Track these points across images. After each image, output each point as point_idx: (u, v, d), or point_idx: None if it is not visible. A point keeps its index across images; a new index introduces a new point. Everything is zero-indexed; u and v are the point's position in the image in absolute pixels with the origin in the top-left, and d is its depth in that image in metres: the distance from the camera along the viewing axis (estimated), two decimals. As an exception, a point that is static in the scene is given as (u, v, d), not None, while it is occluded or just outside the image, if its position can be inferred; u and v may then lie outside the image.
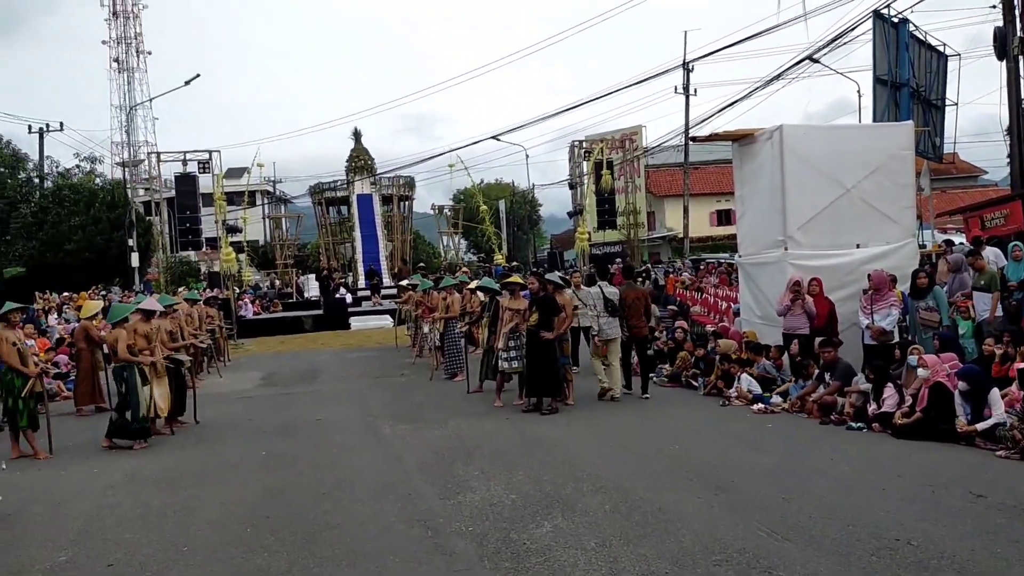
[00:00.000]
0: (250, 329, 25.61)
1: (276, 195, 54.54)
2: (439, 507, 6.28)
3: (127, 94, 56.96)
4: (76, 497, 7.30)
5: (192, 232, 27.63)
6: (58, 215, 31.79)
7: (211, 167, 28.02)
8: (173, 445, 9.55)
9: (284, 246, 38.83)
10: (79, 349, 12.87)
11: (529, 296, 10.84)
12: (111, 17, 57.82)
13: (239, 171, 45.58)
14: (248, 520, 6.26)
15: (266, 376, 15.76)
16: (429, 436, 9.09)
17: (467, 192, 48.68)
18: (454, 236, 42.97)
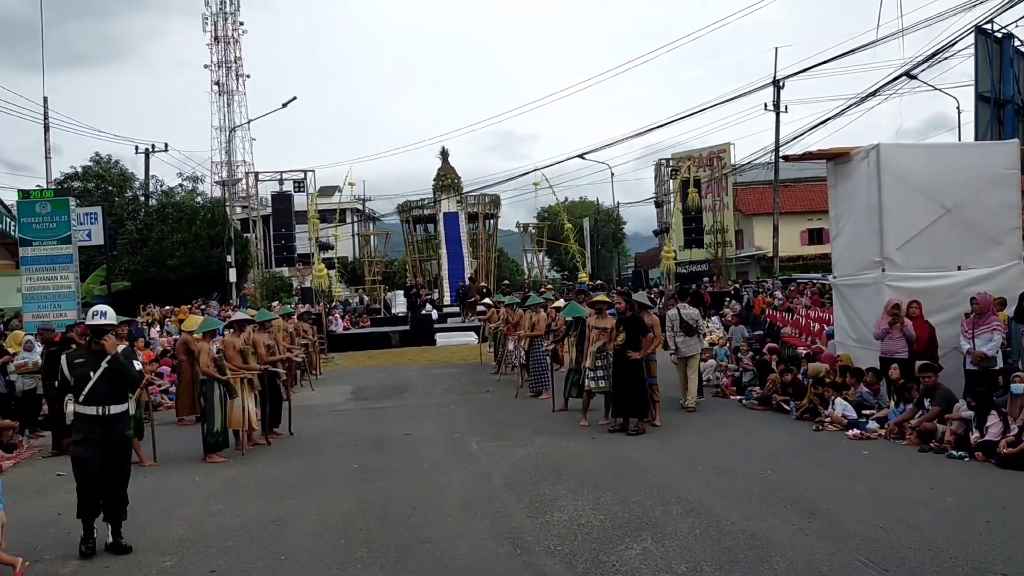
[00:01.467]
0: (340, 344, 26.22)
1: (365, 213, 55.80)
2: (528, 525, 6.33)
3: (227, 116, 59.52)
4: (180, 504, 7.63)
5: (287, 249, 28.52)
6: (162, 232, 33.25)
7: (306, 186, 28.93)
8: (270, 456, 9.89)
9: (372, 262, 39.67)
10: (180, 361, 13.44)
11: (616, 315, 10.84)
12: (213, 42, 60.64)
13: (331, 189, 46.88)
14: (343, 532, 6.43)
15: (356, 390, 16.12)
16: (516, 454, 9.15)
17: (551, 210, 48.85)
18: (538, 254, 43.13)
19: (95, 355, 6.19)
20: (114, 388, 6.18)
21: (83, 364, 6.14)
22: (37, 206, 16.83)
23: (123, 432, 6.33)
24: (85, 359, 6.19)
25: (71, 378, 6.13)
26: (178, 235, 32.73)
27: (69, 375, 6.14)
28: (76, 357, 6.26)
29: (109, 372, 6.12)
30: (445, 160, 40.00)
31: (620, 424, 10.19)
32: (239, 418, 9.82)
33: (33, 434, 11.78)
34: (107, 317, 6.36)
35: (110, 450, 6.16)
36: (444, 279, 36.47)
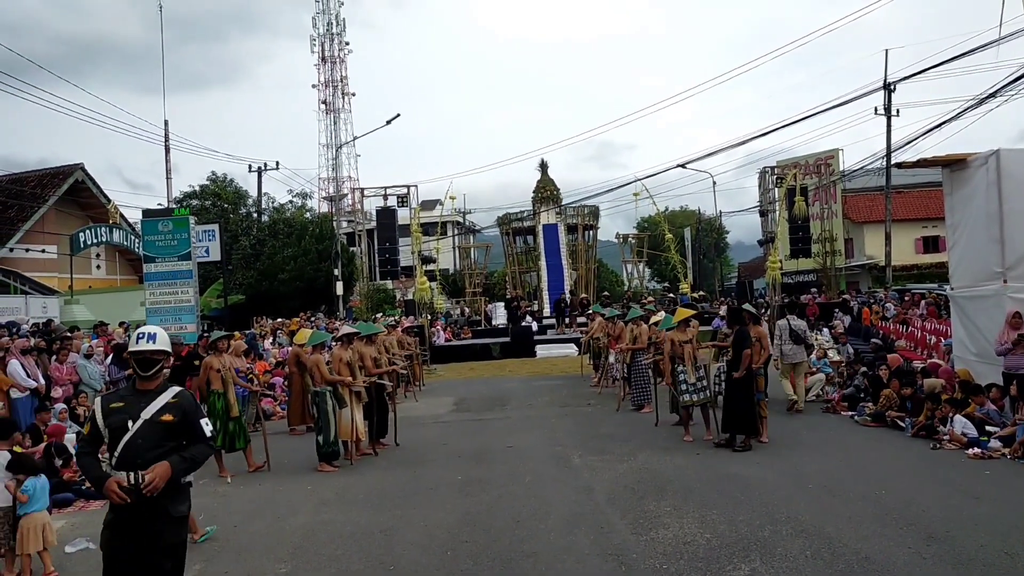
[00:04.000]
0: (442, 355, 26.65)
1: (466, 225, 56.61)
2: (632, 542, 6.30)
3: (333, 133, 61.45)
4: (293, 513, 7.92)
5: (391, 262, 29.20)
6: (273, 247, 34.64)
7: (409, 201, 29.60)
8: (377, 466, 10.15)
9: (473, 275, 40.20)
10: (291, 372, 13.96)
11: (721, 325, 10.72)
12: (320, 63, 62.77)
13: (432, 203, 47.83)
14: (448, 544, 6.55)
15: (458, 401, 16.34)
16: (618, 468, 9.11)
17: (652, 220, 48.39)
18: (638, 264, 42.81)
19: (139, 397, 4.29)
20: (155, 446, 4.16)
21: (121, 411, 4.23)
22: (159, 224, 17.80)
23: (170, 511, 4.22)
24: (125, 402, 4.28)
25: (104, 429, 4.22)
26: (288, 250, 34.01)
27: (103, 424, 4.23)
28: (114, 400, 4.34)
29: (151, 421, 4.20)
30: (544, 172, 40.23)
31: (726, 439, 10.02)
32: (348, 429, 10.12)
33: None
34: (156, 342, 4.38)
35: (148, 540, 4.13)
36: (544, 291, 36.61)
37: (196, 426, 4.30)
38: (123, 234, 27.95)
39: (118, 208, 28.72)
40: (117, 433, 4.18)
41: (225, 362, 10.21)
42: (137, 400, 4.27)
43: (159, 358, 4.39)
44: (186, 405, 4.32)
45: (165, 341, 4.47)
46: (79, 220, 30.50)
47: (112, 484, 4.09)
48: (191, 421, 4.30)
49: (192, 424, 4.30)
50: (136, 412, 4.21)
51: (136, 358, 4.36)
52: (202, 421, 4.34)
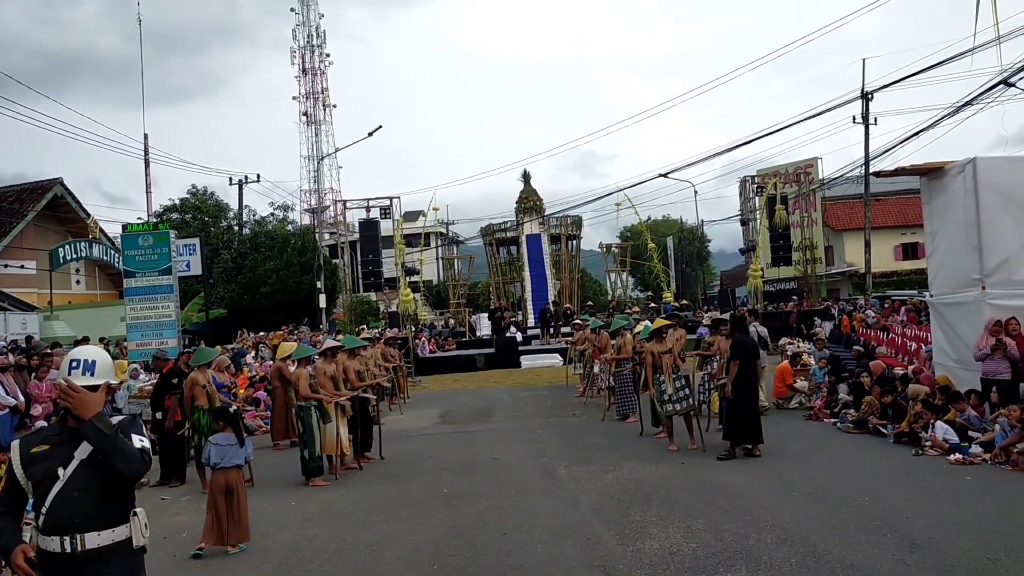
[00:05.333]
0: (427, 367, 26.58)
1: (449, 237, 56.62)
2: (619, 553, 6.30)
3: (315, 145, 61.38)
4: (278, 529, 7.87)
5: (374, 274, 29.18)
6: (255, 260, 34.47)
7: (391, 212, 29.61)
8: (362, 480, 10.10)
9: (457, 286, 40.19)
10: (274, 387, 13.88)
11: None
12: (300, 74, 62.73)
13: (415, 214, 47.77)
14: (435, 558, 6.53)
15: (443, 414, 16.31)
16: (604, 479, 9.12)
17: (634, 229, 48.61)
18: (622, 274, 42.95)
19: (69, 436, 3.28)
20: (99, 497, 3.23)
21: (47, 456, 3.26)
22: (140, 239, 17.70)
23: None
24: (52, 445, 3.29)
25: (26, 482, 3.28)
26: (270, 263, 33.86)
27: (23, 476, 3.28)
28: (36, 443, 3.34)
29: (90, 463, 3.23)
30: (527, 183, 40.32)
31: (730, 450, 9.96)
32: (332, 443, 10.08)
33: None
34: (95, 373, 3.42)
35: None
36: (528, 301, 36.63)
37: (128, 438, 3.32)
38: (103, 249, 27.77)
39: (97, 223, 28.52)
40: (44, 485, 3.21)
41: (209, 377, 10.16)
42: (67, 441, 3.26)
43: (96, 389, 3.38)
44: (122, 425, 3.37)
45: (107, 369, 3.48)
46: (58, 235, 30.25)
47: (19, 557, 3.12)
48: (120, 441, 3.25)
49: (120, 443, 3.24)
50: (67, 455, 3.21)
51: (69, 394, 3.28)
52: (136, 437, 3.36)
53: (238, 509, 7.15)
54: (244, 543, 7.13)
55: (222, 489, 7.13)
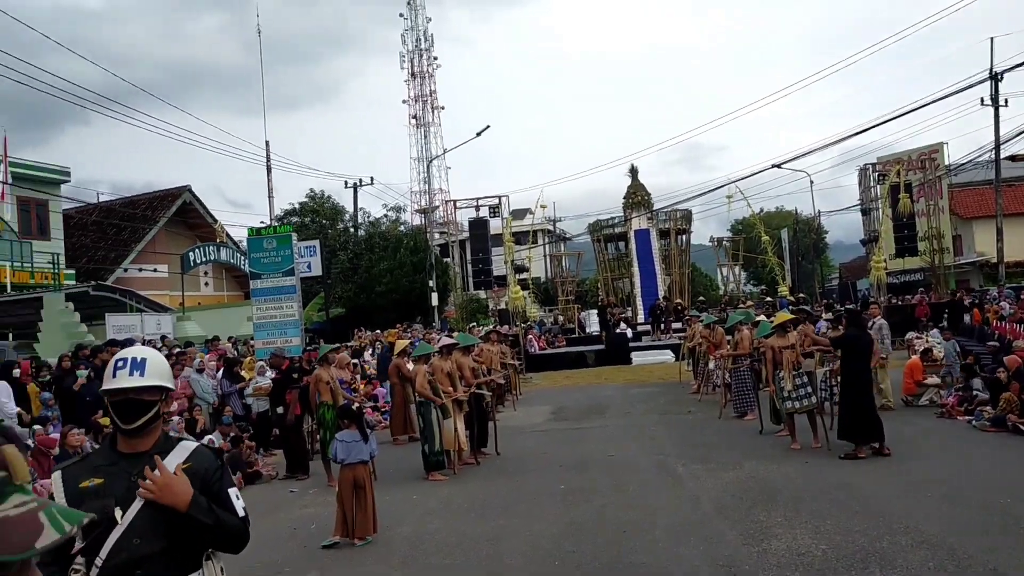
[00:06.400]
0: (537, 364, 26.69)
1: (557, 234, 56.67)
2: (744, 553, 6.16)
3: (424, 147, 62.54)
4: (400, 522, 8.06)
5: (484, 272, 29.47)
6: (370, 260, 35.42)
7: (500, 211, 29.85)
8: (479, 475, 10.24)
9: (565, 282, 40.17)
10: (392, 384, 14.24)
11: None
12: (409, 78, 64.02)
13: (522, 212, 48.05)
14: (555, 554, 6.55)
15: (556, 410, 16.34)
16: (724, 477, 8.93)
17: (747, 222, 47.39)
18: (734, 268, 41.96)
19: (125, 466, 2.59)
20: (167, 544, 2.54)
21: (100, 492, 2.52)
22: (264, 242, 18.44)
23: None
24: (105, 479, 2.56)
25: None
26: (384, 263, 34.72)
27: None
28: (84, 474, 2.57)
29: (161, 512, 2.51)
30: (635, 178, 39.92)
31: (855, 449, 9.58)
32: (451, 438, 10.26)
33: (267, 453, 12.85)
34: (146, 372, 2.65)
35: None
36: (637, 297, 36.27)
37: (224, 501, 2.66)
38: (229, 252, 29.11)
39: (224, 227, 29.91)
40: (98, 529, 2.45)
41: (333, 374, 10.51)
42: (121, 472, 2.56)
43: (152, 399, 2.64)
44: (205, 471, 2.66)
45: (161, 370, 2.70)
46: (187, 240, 31.92)
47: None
48: (215, 494, 2.64)
49: (217, 498, 2.64)
50: (122, 492, 2.52)
51: (114, 400, 2.63)
52: (232, 492, 2.70)
53: (365, 503, 7.35)
54: (370, 536, 7.33)
55: (350, 484, 7.36)
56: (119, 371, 2.64)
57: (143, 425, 2.61)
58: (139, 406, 2.60)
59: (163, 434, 2.72)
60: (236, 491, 2.75)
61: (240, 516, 2.69)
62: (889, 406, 12.51)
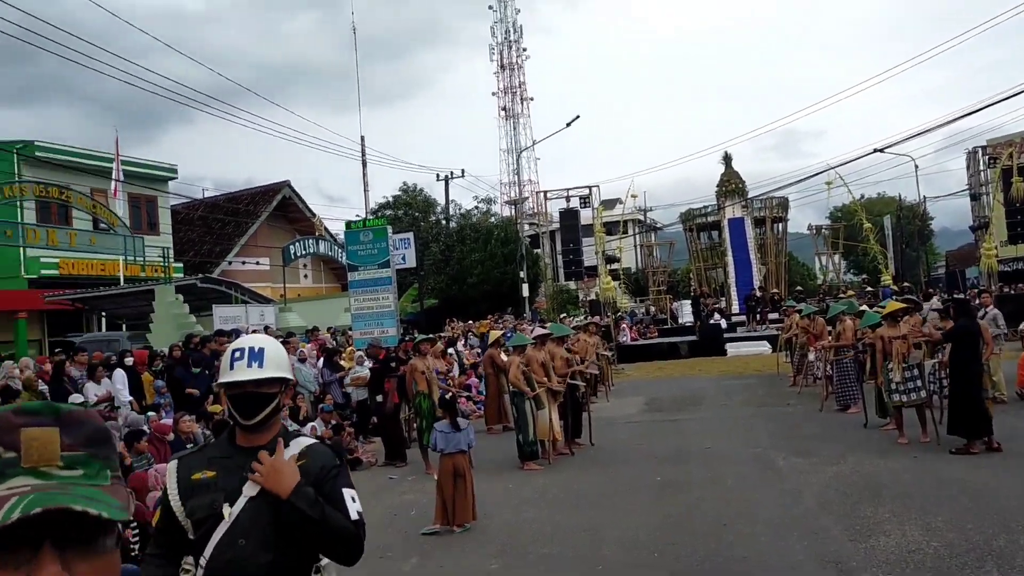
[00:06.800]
0: (629, 355, 26.51)
1: (647, 223, 56.09)
2: (850, 550, 5.99)
3: (513, 138, 62.79)
4: (497, 510, 8.15)
5: (575, 263, 29.45)
6: (461, 252, 35.89)
7: (591, 201, 29.76)
8: (573, 466, 10.26)
9: (656, 272, 39.75)
10: (487, 374, 14.39)
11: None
12: (499, 70, 64.32)
13: (612, 202, 47.71)
14: (653, 545, 6.52)
15: (649, 401, 16.20)
16: (827, 472, 8.69)
17: (846, 209, 45.88)
18: (833, 257, 40.67)
19: (239, 460, 2.44)
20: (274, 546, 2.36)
21: (211, 485, 2.40)
22: (361, 235, 18.88)
23: None
24: (218, 472, 2.43)
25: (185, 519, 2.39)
26: (476, 254, 35.10)
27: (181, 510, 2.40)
28: (197, 465, 2.46)
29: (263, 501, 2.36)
30: (728, 165, 39.08)
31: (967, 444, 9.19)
32: (545, 428, 10.31)
33: (366, 440, 13.18)
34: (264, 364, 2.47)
35: None
36: (731, 287, 35.58)
37: (337, 501, 2.45)
38: (327, 245, 29.91)
39: (322, 221, 30.75)
40: (205, 526, 2.36)
41: (429, 364, 10.69)
42: (236, 466, 2.42)
43: (271, 392, 2.46)
44: (320, 468, 2.47)
45: (280, 360, 2.53)
46: (287, 233, 32.97)
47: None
48: (328, 493, 2.44)
49: (330, 498, 2.43)
50: (234, 487, 2.38)
51: (232, 394, 2.46)
52: (347, 493, 2.49)
53: (464, 491, 7.47)
54: (469, 523, 7.45)
55: (450, 473, 7.49)
56: (236, 362, 2.46)
57: (263, 420, 2.44)
58: (258, 399, 2.43)
59: (283, 428, 2.56)
60: (353, 493, 2.51)
61: (353, 519, 2.44)
62: (1002, 399, 11.93)
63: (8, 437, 0.88)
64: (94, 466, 0.91)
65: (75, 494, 0.85)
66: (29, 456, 0.87)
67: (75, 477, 0.88)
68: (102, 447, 0.93)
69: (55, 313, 23.62)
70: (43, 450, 0.88)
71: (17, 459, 0.87)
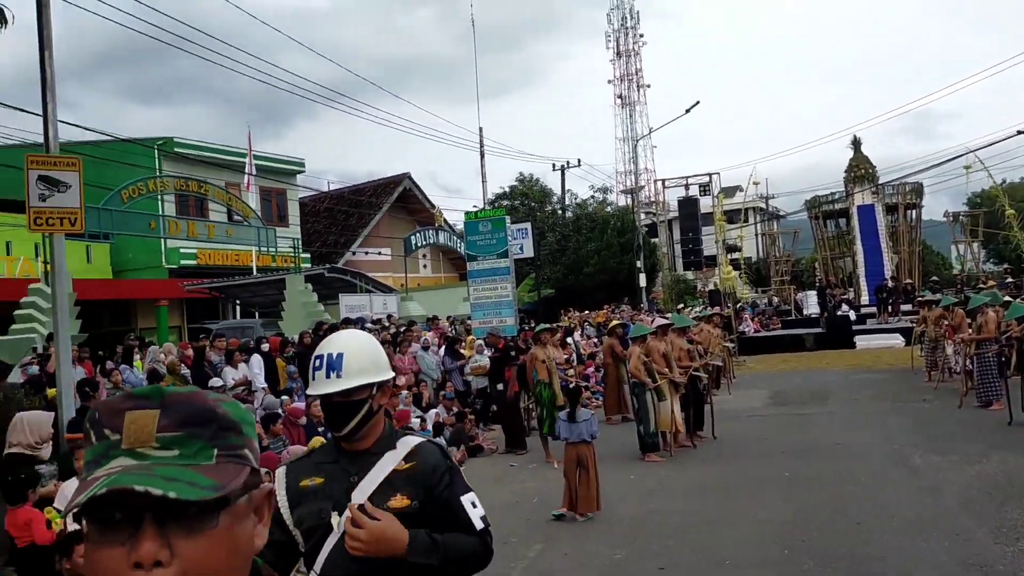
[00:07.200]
0: (750, 346, 25.85)
1: (769, 211, 54.46)
2: (996, 553, 5.68)
3: (629, 127, 62.15)
4: (620, 501, 8.12)
5: (694, 252, 28.94)
6: (577, 242, 35.86)
7: (711, 189, 29.15)
8: (696, 458, 10.12)
9: (779, 262, 38.54)
10: (606, 363, 14.34)
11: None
12: (615, 57, 63.73)
13: (732, 189, 46.57)
14: (782, 541, 6.36)
15: (773, 394, 15.76)
16: (968, 471, 8.24)
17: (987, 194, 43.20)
18: (971, 245, 38.37)
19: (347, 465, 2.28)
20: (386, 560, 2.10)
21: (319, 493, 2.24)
22: (480, 225, 19.15)
23: None
24: (326, 478, 2.26)
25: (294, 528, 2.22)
26: (592, 244, 34.99)
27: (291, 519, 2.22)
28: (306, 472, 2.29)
29: None
30: (857, 150, 37.43)
31: None
32: (667, 420, 10.20)
33: (486, 428, 13.38)
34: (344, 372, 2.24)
35: None
36: (860, 277, 34.10)
37: (456, 511, 2.26)
38: (447, 235, 30.47)
39: (442, 212, 31.34)
40: (314, 536, 2.20)
41: (550, 353, 10.74)
42: (341, 471, 2.27)
43: (359, 399, 2.25)
44: (431, 470, 2.27)
45: (364, 365, 2.27)
46: (407, 224, 33.77)
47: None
48: (445, 502, 2.25)
49: (448, 508, 2.25)
50: (341, 494, 2.21)
51: (322, 404, 2.35)
52: (466, 499, 2.28)
53: (588, 481, 7.49)
54: (592, 513, 7.46)
55: (574, 461, 7.53)
56: (316, 372, 2.28)
57: (355, 428, 2.23)
58: (345, 409, 2.23)
59: (386, 427, 2.33)
60: (473, 498, 2.29)
61: (478, 529, 2.25)
62: None
63: (115, 420, 0.93)
64: (192, 446, 0.92)
65: (155, 474, 0.88)
66: (128, 438, 0.91)
67: (169, 457, 0.91)
68: (204, 427, 0.94)
69: (193, 301, 25.01)
70: (140, 432, 0.91)
71: (120, 441, 0.91)
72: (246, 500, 0.96)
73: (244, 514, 0.96)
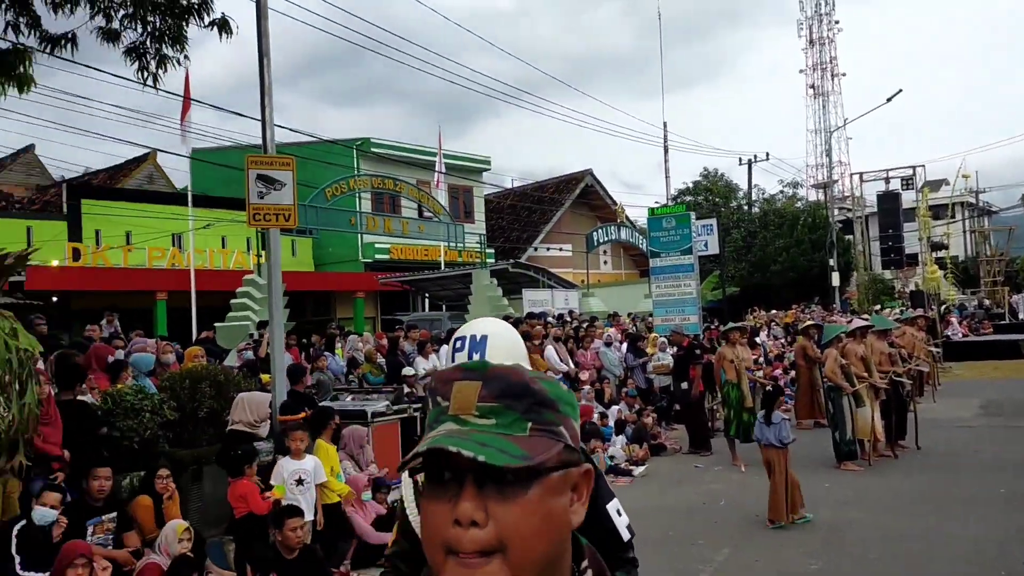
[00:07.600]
0: (957, 352, 23.92)
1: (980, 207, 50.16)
2: None
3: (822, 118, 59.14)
4: (813, 508, 7.73)
5: (894, 250, 27.16)
6: (764, 238, 34.58)
7: (914, 183, 27.24)
8: (898, 469, 9.50)
9: (991, 261, 35.46)
10: (798, 365, 13.75)
11: None
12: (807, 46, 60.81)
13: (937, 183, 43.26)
14: (1002, 563, 5.88)
15: (984, 404, 14.51)
16: None
17: None
18: None
19: None
20: None
21: None
22: (663, 221, 18.88)
23: None
24: None
25: None
26: (780, 241, 33.65)
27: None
28: None
29: None
30: (1087, 138, 33.78)
31: None
32: (865, 427, 9.65)
33: (669, 427, 13.19)
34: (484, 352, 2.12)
35: None
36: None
37: (603, 520, 2.06)
38: (628, 232, 30.30)
39: (624, 208, 31.19)
40: None
41: (739, 353, 10.45)
42: None
43: None
44: None
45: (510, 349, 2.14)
46: (588, 220, 33.87)
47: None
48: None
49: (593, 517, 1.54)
50: None
51: None
52: (612, 507, 2.09)
53: (774, 488, 7.21)
54: (781, 522, 7.17)
55: (764, 464, 7.30)
56: (457, 354, 2.16)
57: None
58: None
59: None
60: (618, 505, 2.10)
61: (625, 540, 2.06)
62: None
63: (446, 389, 1.03)
64: (508, 416, 0.99)
65: (470, 439, 0.95)
66: (453, 405, 1.00)
67: (486, 425, 0.98)
68: (519, 400, 1.00)
69: (385, 293, 26.31)
70: (463, 400, 1.00)
71: (448, 407, 1.01)
72: (561, 475, 1.00)
73: (558, 488, 0.99)
